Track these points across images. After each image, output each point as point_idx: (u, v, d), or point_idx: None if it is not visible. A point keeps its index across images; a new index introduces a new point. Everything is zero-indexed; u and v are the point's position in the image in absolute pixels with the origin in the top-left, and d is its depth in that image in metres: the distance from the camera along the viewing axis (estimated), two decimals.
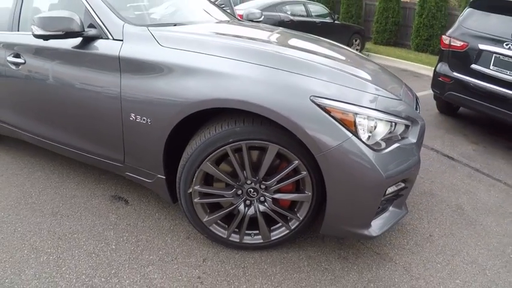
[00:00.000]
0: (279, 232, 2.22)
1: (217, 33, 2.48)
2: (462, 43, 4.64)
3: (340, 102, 1.83)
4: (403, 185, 2.07)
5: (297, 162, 1.94)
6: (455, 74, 4.71)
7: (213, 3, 4.08)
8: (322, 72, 1.95)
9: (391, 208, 2.15)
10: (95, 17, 2.39)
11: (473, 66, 4.49)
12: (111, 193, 2.94)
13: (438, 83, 4.98)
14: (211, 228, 2.23)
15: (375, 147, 1.87)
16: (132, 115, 2.19)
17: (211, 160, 2.02)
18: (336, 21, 11.40)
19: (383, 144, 1.93)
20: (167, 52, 2.09)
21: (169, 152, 2.22)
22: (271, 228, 2.22)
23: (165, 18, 2.99)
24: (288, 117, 1.79)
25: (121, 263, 2.15)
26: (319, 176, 1.94)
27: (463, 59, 4.64)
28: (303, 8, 10.70)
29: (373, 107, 1.89)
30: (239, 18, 4.38)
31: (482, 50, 4.42)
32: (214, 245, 2.32)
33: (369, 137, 1.87)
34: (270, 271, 2.11)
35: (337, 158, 1.81)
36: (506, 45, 4.23)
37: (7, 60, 2.97)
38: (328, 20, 11.19)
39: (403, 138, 2.07)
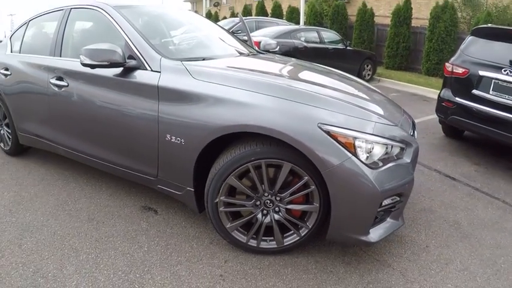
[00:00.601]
0: (291, 238, 2.50)
1: (240, 68, 2.83)
2: (463, 70, 4.92)
3: (341, 128, 2.14)
4: (398, 198, 2.35)
5: (306, 178, 2.25)
6: (457, 99, 4.97)
7: (233, 34, 4.46)
8: (328, 103, 2.27)
9: (388, 219, 2.42)
10: (136, 52, 2.79)
11: (474, 91, 4.75)
12: (141, 204, 3.27)
13: (442, 107, 5.24)
14: (233, 234, 2.52)
15: (372, 165, 2.16)
16: (168, 136, 2.54)
17: (235, 175, 2.34)
18: (348, 47, 11.74)
19: (380, 163, 2.22)
20: (199, 84, 2.46)
21: (197, 167, 2.54)
22: (284, 235, 2.50)
23: (194, 51, 3.36)
24: (300, 140, 2.11)
25: (153, 263, 2.44)
26: (325, 189, 2.23)
27: (464, 84, 4.90)
28: (316, 34, 11.09)
29: (370, 132, 2.19)
30: (255, 45, 4.75)
31: (482, 76, 4.69)
32: (234, 249, 2.60)
33: (367, 157, 2.17)
34: (282, 272, 2.38)
35: (340, 174, 2.11)
36: (504, 71, 4.48)
37: (50, 82, 3.39)
38: (340, 46, 11.54)
39: (398, 158, 2.35)
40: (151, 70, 2.68)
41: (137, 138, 2.78)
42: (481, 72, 4.69)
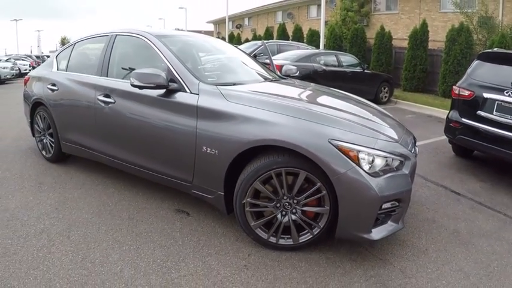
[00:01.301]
0: (305, 237, 2.87)
1: (265, 92, 3.27)
2: (469, 92, 5.23)
3: (347, 143, 2.55)
4: (397, 204, 2.70)
5: (319, 184, 2.64)
6: (463, 119, 5.28)
7: (256, 59, 4.92)
8: (337, 123, 2.70)
9: (389, 222, 2.76)
10: (177, 76, 3.29)
11: (479, 112, 5.05)
12: (175, 207, 3.68)
13: (450, 128, 5.55)
14: (256, 231, 2.91)
15: (373, 174, 2.53)
16: (204, 147, 2.99)
17: (260, 180, 2.75)
18: (365, 71, 12.08)
19: (381, 173, 2.59)
20: (232, 105, 2.94)
21: (227, 174, 2.95)
22: (300, 233, 2.87)
23: (224, 77, 3.85)
24: (314, 152, 2.53)
25: (187, 254, 2.85)
26: (334, 194, 2.61)
27: (470, 106, 5.21)
28: (334, 58, 11.48)
29: (372, 147, 2.59)
30: (277, 68, 5.18)
31: (486, 98, 5.00)
32: (256, 245, 2.98)
33: (370, 167, 2.55)
34: (297, 265, 2.74)
35: (345, 180, 2.50)
36: (507, 92, 4.78)
37: (97, 99, 3.88)
38: (358, 69, 11.88)
39: (398, 170, 2.72)
40: (191, 92, 3.17)
41: (176, 149, 3.22)
42: (485, 95, 5.00)
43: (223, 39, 30.85)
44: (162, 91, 3.29)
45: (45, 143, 4.93)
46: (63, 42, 73.71)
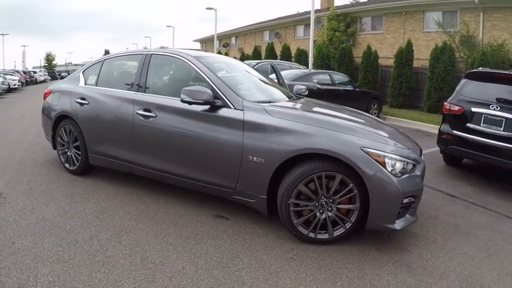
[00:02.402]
0: (339, 231, 3.38)
1: (298, 109, 3.87)
2: (459, 107, 5.96)
3: (375, 150, 3.16)
4: (413, 199, 3.31)
5: (351, 185, 3.20)
6: (454, 131, 5.98)
7: (273, 80, 5.52)
8: (365, 134, 3.34)
9: (407, 215, 3.37)
10: (221, 94, 3.75)
11: (468, 124, 5.77)
12: (213, 213, 4.04)
13: (442, 139, 6.26)
14: (298, 228, 3.37)
15: (395, 175, 3.15)
16: (250, 156, 3.45)
17: (303, 183, 3.27)
18: (356, 89, 12.85)
19: (399, 174, 3.21)
20: (275, 120, 3.46)
21: (270, 180, 3.42)
22: (334, 228, 3.39)
23: (257, 95, 4.31)
24: (351, 159, 3.12)
25: (239, 251, 3.25)
26: (363, 193, 3.20)
27: (460, 119, 5.93)
28: (328, 77, 12.24)
29: (393, 153, 3.21)
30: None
31: (474, 112, 5.72)
32: (296, 241, 3.44)
33: (392, 169, 3.16)
34: (334, 255, 3.26)
35: (375, 180, 3.10)
36: (492, 107, 5.52)
37: (136, 113, 4.20)
38: (349, 87, 12.64)
39: (411, 171, 3.34)
40: (235, 108, 3.64)
41: (221, 158, 3.64)
42: (473, 109, 5.73)
43: None
44: (207, 107, 3.72)
45: (69, 155, 5.08)
46: (48, 58, 73.77)
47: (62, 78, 25.24)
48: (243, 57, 27.08)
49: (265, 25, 31.26)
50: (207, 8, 26.91)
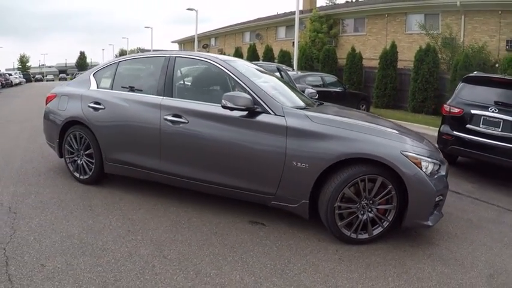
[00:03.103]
0: (377, 230, 3.58)
1: (334, 114, 4.09)
2: (459, 110, 6.42)
3: (413, 154, 3.46)
4: (441, 197, 3.68)
5: (390, 186, 3.47)
6: (455, 132, 6.44)
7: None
8: (400, 138, 3.64)
9: (435, 212, 3.71)
10: (259, 100, 3.76)
11: (468, 126, 6.24)
12: (248, 219, 4.00)
13: (442, 140, 6.70)
14: (341, 230, 3.51)
15: (429, 175, 3.49)
16: (294, 162, 3.52)
17: (348, 186, 3.42)
18: (346, 90, 13.34)
19: (432, 174, 3.56)
20: (317, 126, 3.57)
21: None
22: (373, 228, 3.57)
23: (290, 101, 4.26)
24: (393, 162, 3.37)
25: (289, 256, 3.29)
26: (400, 194, 3.48)
27: (460, 121, 6.39)
28: (319, 79, 12.68)
29: (427, 156, 3.55)
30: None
31: (473, 114, 6.19)
32: (337, 242, 3.58)
33: (426, 170, 3.49)
34: (376, 253, 3.46)
35: (414, 181, 3.39)
36: (490, 109, 6.00)
37: (164, 119, 4.06)
38: (339, 89, 13.12)
39: (438, 172, 3.71)
40: (275, 114, 3.67)
41: (262, 164, 3.66)
42: (473, 111, 6.20)
43: None
44: (245, 112, 3.72)
45: (80, 164, 4.81)
46: (22, 60, 72.05)
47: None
48: None
49: (246, 26, 31.59)
50: (188, 9, 27.00)
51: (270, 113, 3.73)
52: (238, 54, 26.75)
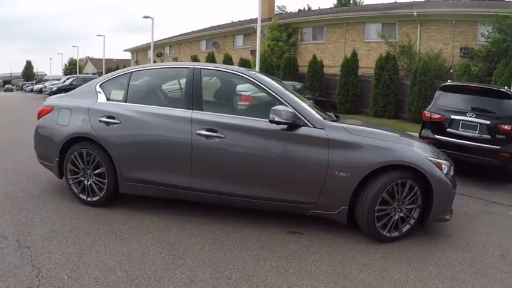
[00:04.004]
0: (405, 228, 4.05)
1: (364, 126, 4.52)
2: (439, 115, 7.23)
3: (435, 159, 4.06)
4: (454, 195, 4.32)
5: (416, 188, 4.01)
6: (436, 136, 7.23)
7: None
8: (421, 146, 4.27)
9: (451, 207, 4.32)
10: (301, 116, 3.93)
11: (448, 129, 7.06)
12: (285, 230, 4.16)
13: None
14: (379, 231, 3.92)
15: (447, 176, 4.09)
16: (336, 172, 3.81)
17: (386, 191, 3.86)
18: (315, 97, 14.08)
19: (447, 175, 4.13)
20: (355, 137, 3.93)
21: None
22: (402, 226, 4.04)
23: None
24: (423, 167, 3.89)
25: (341, 260, 3.58)
26: (424, 194, 4.01)
27: (440, 126, 7.20)
28: (291, 87, 13.27)
29: (443, 159, 4.18)
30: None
31: (453, 119, 7.02)
32: (373, 242, 3.96)
33: (445, 172, 4.09)
34: (407, 247, 3.86)
35: (438, 181, 3.96)
36: (468, 114, 6.86)
37: (197, 133, 4.01)
38: (309, 96, 13.83)
39: (450, 172, 4.30)
40: (314, 127, 3.91)
41: (304, 175, 3.88)
42: (452, 116, 7.03)
43: None
44: (285, 126, 3.88)
45: (87, 185, 4.49)
46: None
47: None
48: None
49: (202, 34, 31.93)
50: (144, 17, 26.85)
51: (309, 126, 3.93)
52: None
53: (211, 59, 25.60)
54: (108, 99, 4.61)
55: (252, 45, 26.91)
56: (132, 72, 4.74)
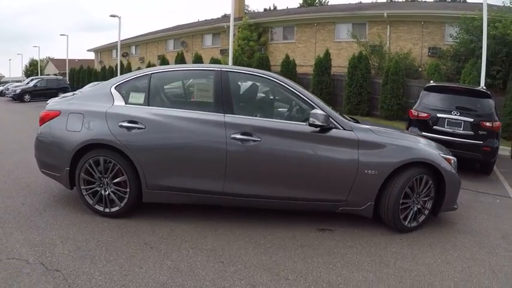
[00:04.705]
0: (421, 218, 4.55)
1: (383, 127, 4.99)
2: (426, 114, 7.90)
3: (446, 155, 4.63)
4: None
5: (430, 182, 4.54)
6: (423, 133, 7.84)
7: None
8: (433, 145, 4.81)
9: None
10: (333, 119, 4.22)
11: (435, 127, 7.75)
12: (315, 227, 4.46)
13: None
14: (402, 222, 4.38)
15: (454, 170, 4.67)
16: (366, 170, 4.18)
17: (408, 186, 4.32)
18: None
19: (454, 169, 4.74)
20: (380, 138, 4.36)
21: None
22: (419, 216, 4.55)
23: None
24: (438, 163, 4.43)
25: (375, 251, 3.95)
26: (436, 187, 4.55)
27: (428, 123, 7.88)
28: None
29: (452, 156, 4.77)
30: None
31: (439, 117, 7.71)
32: (394, 232, 4.41)
33: (454, 167, 4.68)
34: (423, 235, 4.40)
35: (451, 176, 4.53)
36: (453, 113, 7.55)
37: (232, 137, 4.08)
38: None
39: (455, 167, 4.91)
40: (344, 129, 4.25)
41: (336, 175, 4.23)
42: (439, 115, 7.72)
43: (112, 68, 31.02)
44: (317, 128, 4.15)
45: (104, 195, 4.32)
46: None
47: None
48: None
49: (170, 34, 31.76)
50: (111, 16, 26.36)
51: (339, 128, 4.26)
52: (165, 63, 26.88)
53: (180, 58, 25.55)
54: (126, 102, 4.44)
55: (221, 44, 27.14)
56: (151, 74, 4.61)
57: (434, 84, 8.57)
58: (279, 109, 4.95)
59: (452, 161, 4.68)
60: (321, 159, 4.23)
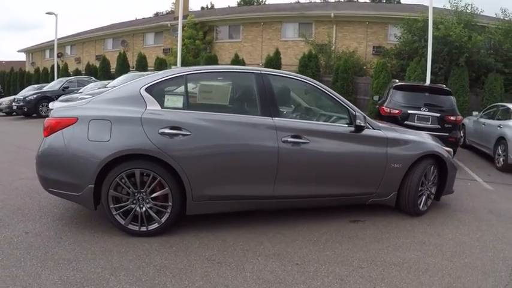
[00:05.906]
0: (429, 203, 5.28)
1: (398, 126, 5.93)
2: (398, 111, 8.80)
3: (445, 147, 5.52)
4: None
5: (436, 170, 5.38)
6: None
7: None
8: (435, 138, 5.68)
9: None
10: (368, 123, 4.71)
11: (406, 122, 8.68)
12: (348, 219, 4.87)
13: None
14: (419, 207, 5.07)
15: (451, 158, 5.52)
16: (393, 164, 4.76)
17: (423, 175, 4.98)
18: None
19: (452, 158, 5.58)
20: (403, 135, 5.06)
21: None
22: (428, 202, 5.30)
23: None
24: (442, 153, 5.23)
25: (405, 234, 4.46)
26: (439, 174, 5.41)
27: (400, 119, 8.78)
28: None
29: (449, 147, 5.67)
30: None
31: (410, 113, 8.65)
32: (409, 217, 5.03)
33: (451, 157, 5.53)
34: (437, 218, 5.20)
35: (450, 164, 5.42)
36: (422, 109, 8.54)
37: (283, 141, 4.17)
38: None
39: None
40: (373, 128, 4.77)
41: (371, 170, 4.72)
42: (409, 111, 8.66)
43: (47, 70, 29.53)
44: (353, 128, 4.58)
45: (141, 212, 3.92)
46: None
47: None
48: (89, 69, 26.01)
49: (108, 32, 30.81)
50: (47, 13, 25.05)
51: (369, 128, 4.74)
52: (106, 62, 25.94)
53: (123, 58, 24.84)
54: (162, 106, 4.05)
55: (164, 43, 26.96)
56: (187, 74, 4.34)
57: (401, 83, 9.52)
58: (318, 111, 5.23)
59: (451, 152, 5.55)
60: (359, 157, 4.67)
